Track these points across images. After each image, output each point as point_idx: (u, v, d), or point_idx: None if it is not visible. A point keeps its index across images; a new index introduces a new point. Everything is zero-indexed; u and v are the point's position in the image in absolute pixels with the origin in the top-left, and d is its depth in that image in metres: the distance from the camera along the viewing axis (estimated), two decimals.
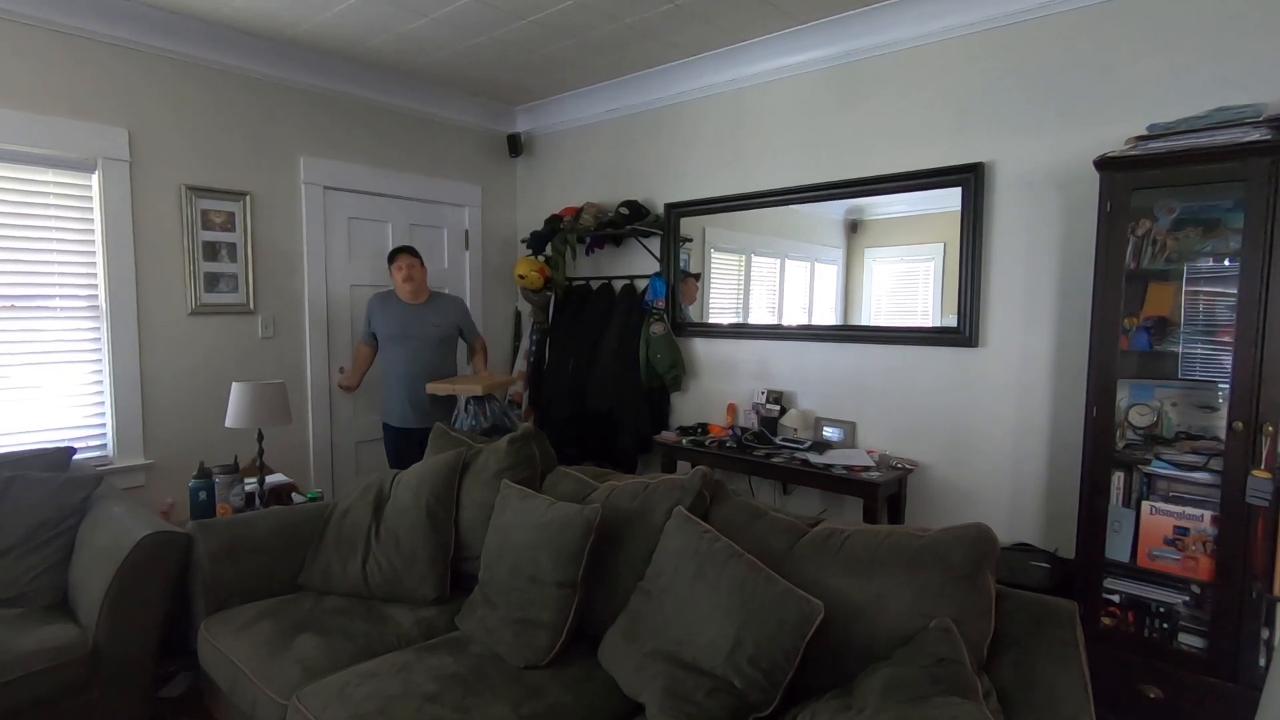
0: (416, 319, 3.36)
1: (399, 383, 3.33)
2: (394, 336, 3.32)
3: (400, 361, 3.33)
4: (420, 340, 3.34)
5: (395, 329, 3.32)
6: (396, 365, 3.34)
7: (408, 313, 3.35)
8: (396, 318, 3.34)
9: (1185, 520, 2.13)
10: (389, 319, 3.34)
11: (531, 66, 3.58)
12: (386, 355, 3.36)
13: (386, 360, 3.36)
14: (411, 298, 3.36)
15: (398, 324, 3.33)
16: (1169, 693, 2.11)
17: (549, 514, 1.89)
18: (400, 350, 3.32)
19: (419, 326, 3.35)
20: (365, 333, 3.41)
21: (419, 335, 3.34)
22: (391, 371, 3.35)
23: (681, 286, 3.70)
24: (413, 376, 3.30)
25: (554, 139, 4.30)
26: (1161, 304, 2.28)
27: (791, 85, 3.25)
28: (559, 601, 1.79)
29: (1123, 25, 2.40)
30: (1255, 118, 1.97)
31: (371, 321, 3.37)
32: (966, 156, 2.74)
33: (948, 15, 2.73)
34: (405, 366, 3.32)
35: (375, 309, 3.36)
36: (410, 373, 3.31)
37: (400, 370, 3.33)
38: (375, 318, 3.35)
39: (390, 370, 3.36)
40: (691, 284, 3.70)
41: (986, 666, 1.38)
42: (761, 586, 1.51)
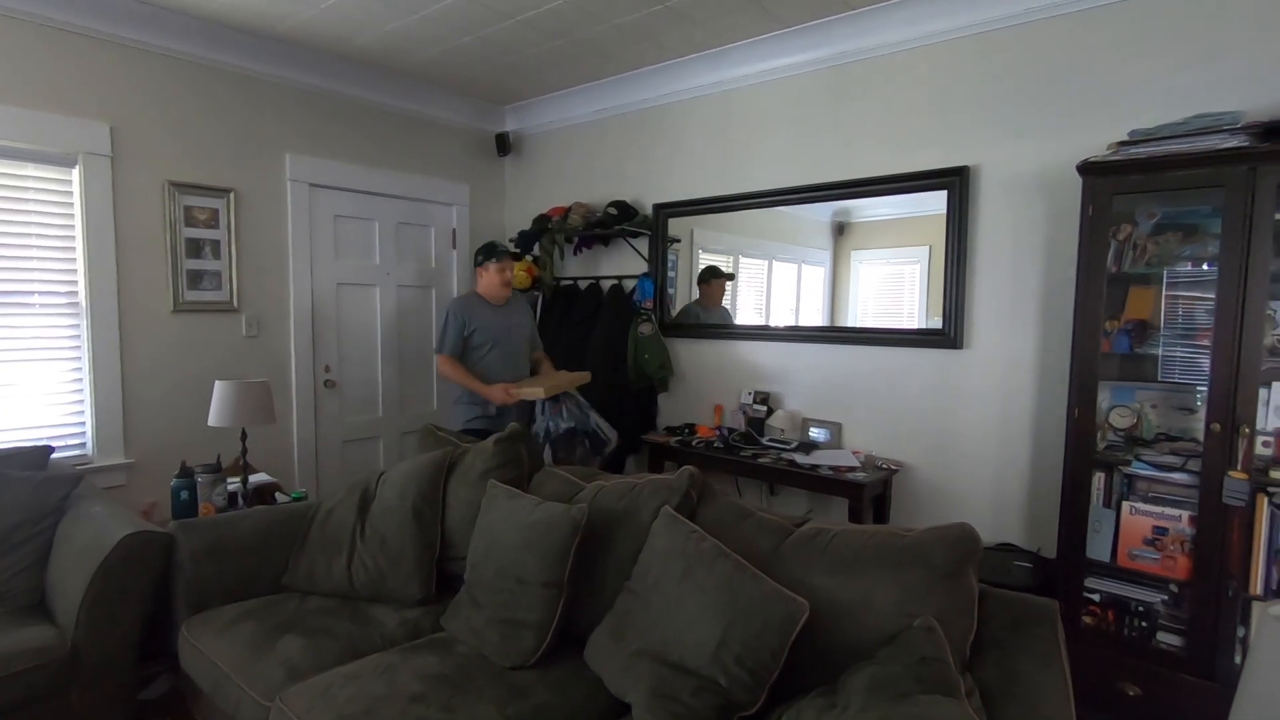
0: (506, 321, 3.24)
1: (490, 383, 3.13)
2: (494, 340, 3.16)
3: (496, 366, 3.16)
4: (514, 342, 3.25)
5: (496, 332, 3.17)
6: (491, 371, 3.15)
7: (498, 315, 3.22)
8: (492, 321, 3.18)
9: (1164, 520, 2.16)
10: (486, 323, 3.16)
11: (520, 66, 3.57)
12: (478, 361, 3.15)
13: (476, 366, 3.14)
14: (501, 299, 3.23)
15: (497, 327, 3.18)
16: (1148, 690, 2.14)
17: (535, 514, 1.88)
18: (496, 354, 3.16)
19: (510, 329, 3.25)
20: (453, 342, 3.11)
21: (513, 337, 3.25)
22: (478, 376, 3.13)
23: (705, 288, 3.63)
24: (505, 374, 3.17)
25: (542, 138, 4.29)
26: (1142, 307, 2.31)
27: (780, 87, 3.26)
28: (545, 602, 1.78)
29: (1105, 32, 2.44)
30: (1233, 125, 2.01)
31: (465, 328, 3.12)
32: (952, 160, 2.77)
33: (933, 20, 2.75)
34: (501, 371, 3.16)
35: (466, 314, 3.14)
36: (507, 378, 3.15)
37: (495, 377, 3.13)
38: (471, 323, 3.13)
39: (476, 375, 3.13)
40: (718, 286, 3.61)
41: (969, 665, 1.40)
42: (748, 586, 1.51)
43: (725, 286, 3.60)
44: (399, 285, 3.99)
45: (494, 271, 3.17)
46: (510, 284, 3.22)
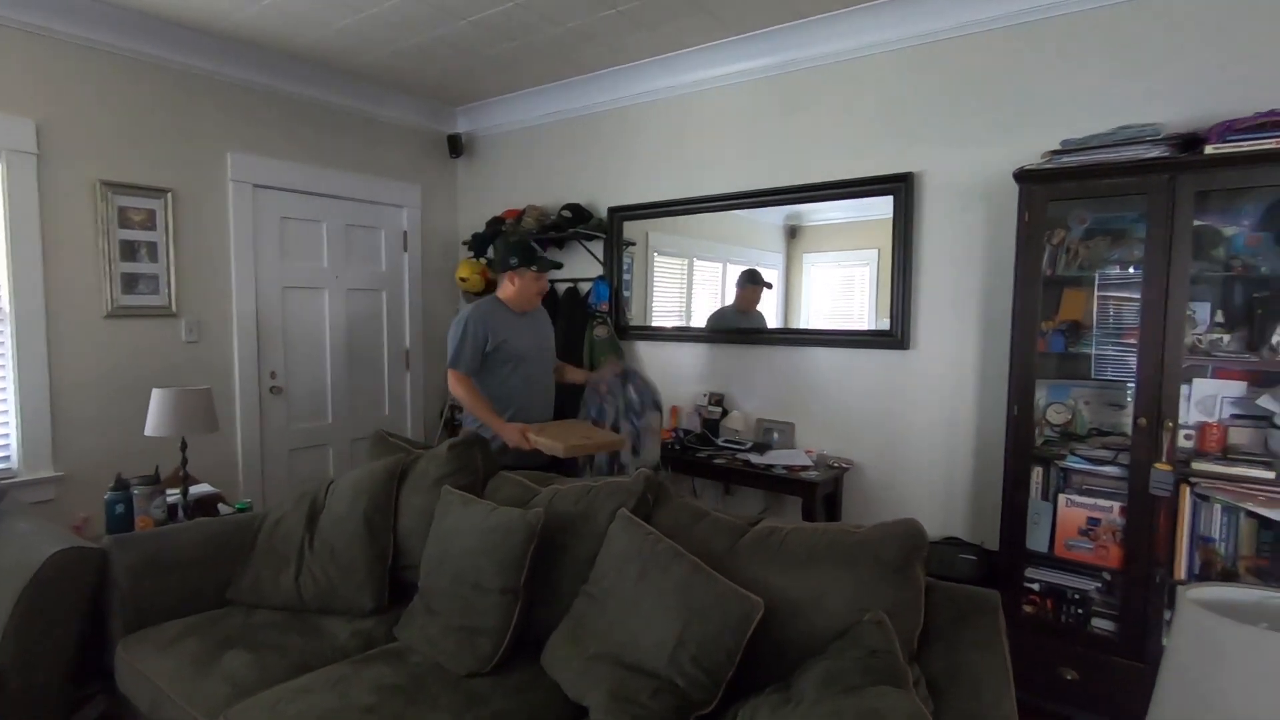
0: (535, 333, 2.78)
1: (512, 409, 2.64)
2: (520, 357, 2.68)
3: (520, 389, 2.69)
4: (544, 360, 2.81)
5: (524, 347, 2.70)
6: (515, 394, 2.67)
7: (526, 326, 2.74)
8: (521, 334, 2.71)
9: (1097, 511, 2.27)
10: (514, 336, 2.67)
11: (472, 67, 3.54)
12: (499, 382, 2.66)
13: (496, 387, 2.66)
14: (530, 309, 2.78)
15: (526, 342, 2.71)
16: (1084, 674, 2.24)
17: (491, 520, 1.86)
18: (521, 373, 2.70)
19: (540, 342, 2.80)
20: (470, 358, 2.59)
21: (543, 354, 2.81)
22: (500, 395, 2.65)
23: (742, 293, 3.39)
24: (530, 398, 2.72)
25: (496, 140, 4.25)
26: (1075, 308, 2.43)
27: (733, 93, 3.31)
28: (502, 608, 1.77)
29: (1039, 46, 2.55)
30: (1154, 136, 2.13)
31: (487, 341, 2.61)
32: (898, 166, 2.85)
33: (878, 31, 2.83)
34: (527, 396, 2.70)
35: (488, 325, 2.62)
36: (535, 404, 2.73)
37: (520, 402, 2.67)
38: (495, 335, 2.62)
39: (499, 394, 2.65)
40: (754, 291, 3.34)
41: (917, 655, 1.44)
42: (703, 586, 1.53)
43: (761, 293, 3.33)
44: (349, 289, 3.90)
45: (531, 280, 2.69)
46: (543, 295, 2.81)
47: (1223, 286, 2.21)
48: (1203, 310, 2.21)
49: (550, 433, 2.49)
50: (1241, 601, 0.89)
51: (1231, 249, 2.17)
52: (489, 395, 2.62)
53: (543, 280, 2.74)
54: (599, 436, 2.60)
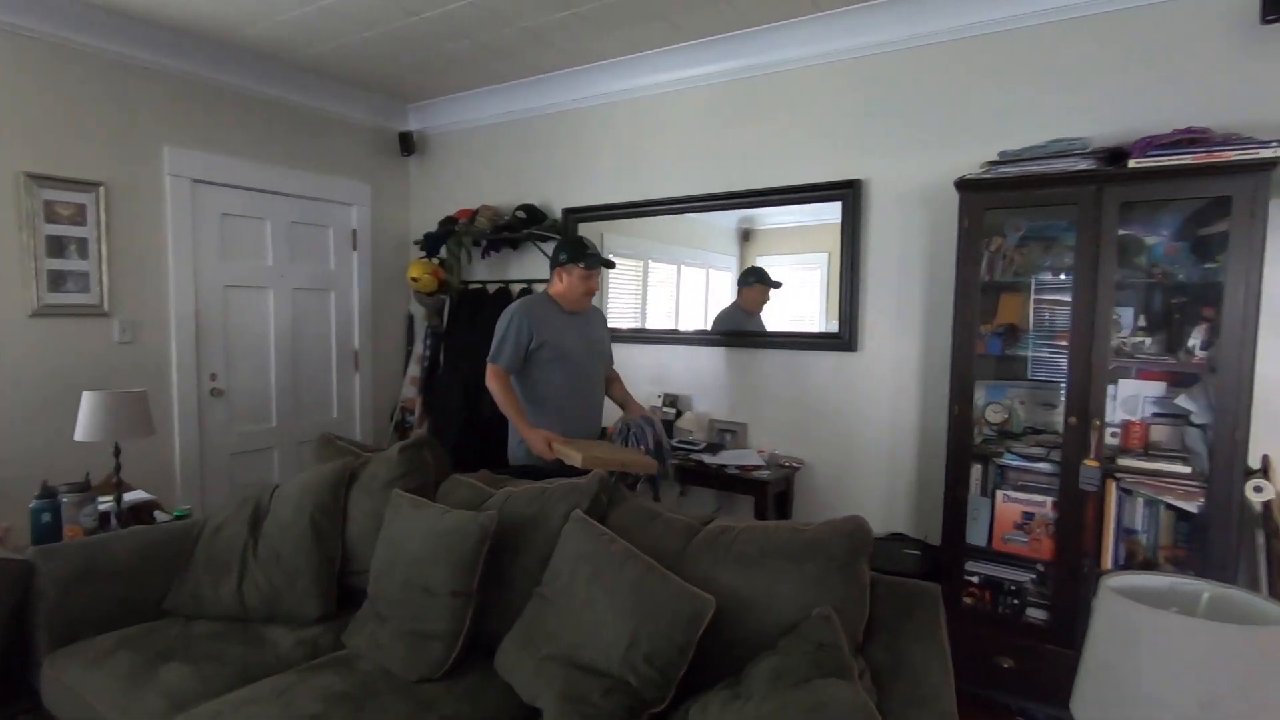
0: (584, 334, 2.62)
1: (553, 413, 2.53)
2: (564, 355, 2.54)
3: (562, 391, 2.55)
4: (590, 362, 2.65)
5: (570, 346, 2.55)
6: (556, 396, 2.55)
7: (575, 325, 2.60)
8: (567, 332, 2.56)
9: (1031, 506, 2.38)
10: (560, 334, 2.53)
11: (424, 64, 3.49)
12: (540, 381, 2.54)
13: (537, 386, 2.55)
14: (581, 308, 2.63)
15: (573, 341, 2.57)
16: (1020, 662, 2.35)
17: (443, 523, 1.84)
18: (564, 374, 2.55)
19: (589, 343, 2.64)
20: (511, 355, 2.49)
21: (591, 355, 2.65)
22: (542, 396, 2.54)
23: (747, 292, 3.30)
24: (574, 403, 2.58)
25: (449, 138, 4.20)
26: (1012, 312, 2.54)
27: (687, 98, 3.35)
28: (454, 611, 1.75)
29: (980, 60, 2.66)
30: (1083, 149, 2.24)
31: (532, 338, 2.49)
32: (846, 173, 2.93)
33: (827, 41, 2.91)
34: (568, 399, 2.57)
35: (534, 321, 2.50)
36: (575, 409, 2.58)
37: (560, 404, 2.55)
38: (540, 333, 2.50)
39: (540, 395, 2.54)
40: (760, 291, 3.25)
41: (862, 648, 1.49)
42: (656, 585, 1.55)
43: (768, 293, 3.25)
44: (294, 288, 3.80)
45: (579, 278, 2.55)
46: (594, 294, 2.65)
47: (1145, 293, 2.34)
48: (1127, 315, 2.34)
49: (571, 443, 2.36)
50: (1155, 588, 0.95)
51: (1152, 257, 2.31)
52: (530, 395, 2.52)
53: (593, 279, 2.57)
54: (625, 454, 2.46)
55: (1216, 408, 2.07)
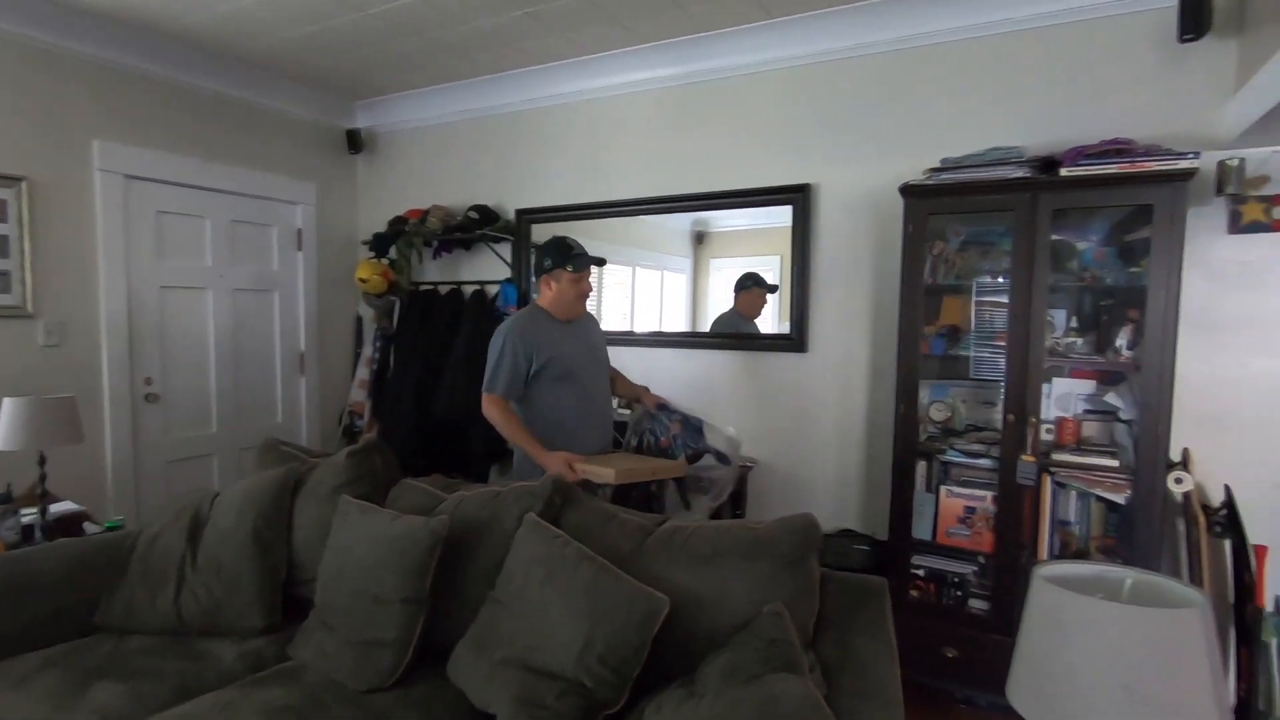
0: (585, 343, 2.45)
1: (564, 436, 2.32)
2: (571, 371, 2.36)
3: (573, 409, 2.36)
4: (598, 373, 2.48)
5: (575, 360, 2.37)
6: (568, 416, 2.36)
7: (573, 336, 2.41)
8: (569, 345, 2.37)
9: (973, 501, 2.47)
10: (561, 349, 2.34)
11: (373, 61, 3.42)
12: (551, 404, 2.35)
13: (547, 410, 2.35)
14: (575, 315, 2.44)
15: (576, 354, 2.39)
16: (963, 651, 2.43)
17: (393, 528, 1.81)
18: (574, 390, 2.36)
19: (592, 352, 2.47)
20: (508, 381, 2.29)
21: (597, 365, 2.48)
22: (550, 420, 2.34)
23: (745, 296, 3.22)
24: (587, 422, 2.38)
25: (399, 137, 4.12)
26: (954, 314, 2.63)
27: (641, 101, 3.37)
28: (404, 619, 1.72)
29: (924, 70, 2.75)
30: (1018, 158, 2.34)
31: (532, 360, 2.29)
32: (796, 178, 2.99)
33: (778, 48, 2.97)
34: (582, 418, 2.37)
35: (531, 341, 2.30)
36: (591, 427, 2.39)
37: (574, 424, 2.36)
38: (541, 352, 2.30)
39: (548, 418, 2.34)
40: (758, 295, 3.18)
41: (813, 642, 1.52)
42: (610, 586, 1.55)
43: (765, 297, 3.17)
44: (235, 289, 3.67)
45: (568, 283, 2.36)
46: (588, 297, 2.45)
47: (1076, 295, 2.46)
48: (1060, 317, 2.45)
49: (597, 461, 2.23)
50: (1083, 576, 1.00)
51: (1083, 262, 2.42)
52: (540, 420, 2.31)
53: (584, 281, 2.39)
54: (654, 462, 2.32)
55: (1141, 404, 2.19)
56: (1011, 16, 2.56)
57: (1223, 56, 2.30)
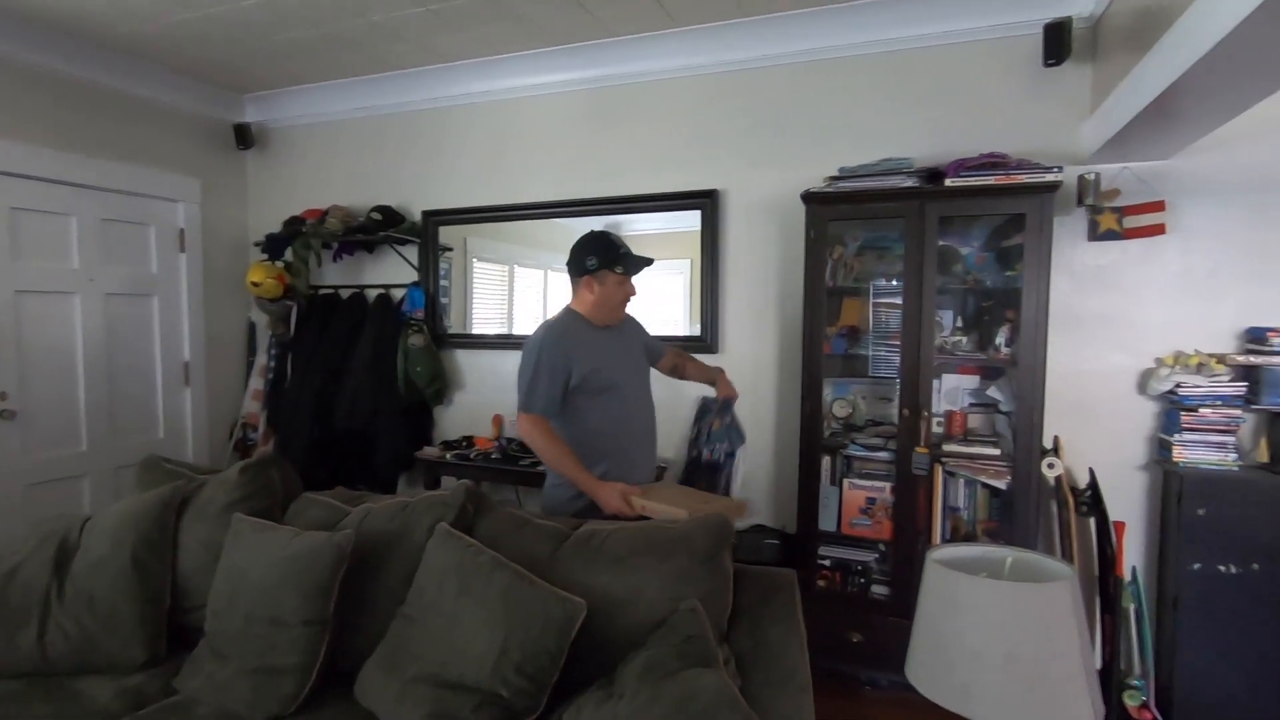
0: (627, 347, 2.21)
1: (607, 458, 2.06)
2: (617, 382, 2.11)
3: (620, 423, 2.11)
4: (643, 380, 2.24)
5: (621, 370, 2.13)
6: (614, 430, 2.10)
7: (616, 342, 2.17)
8: (613, 353, 2.13)
9: (873, 492, 2.60)
10: (605, 356, 2.09)
11: (263, 52, 3.22)
12: (594, 418, 2.08)
13: (589, 421, 2.08)
14: (615, 320, 2.20)
15: (621, 363, 2.15)
16: (868, 635, 2.56)
17: (292, 546, 1.71)
18: (620, 402, 2.11)
19: (635, 358, 2.23)
20: (547, 397, 2.02)
21: (638, 374, 2.23)
22: (590, 441, 2.06)
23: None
24: (631, 442, 2.14)
25: (294, 133, 3.91)
26: (853, 315, 2.77)
27: (551, 103, 3.35)
28: (306, 642, 1.63)
29: (822, 82, 2.88)
30: (909, 168, 2.49)
31: (572, 372, 2.03)
32: (704, 183, 3.06)
33: (685, 56, 3.03)
34: (629, 434, 2.13)
35: (570, 352, 2.04)
36: (630, 437, 2.14)
37: (621, 441, 2.11)
38: (582, 363, 2.04)
39: (588, 439, 2.06)
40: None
41: (727, 636, 1.56)
42: (526, 593, 1.53)
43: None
44: (107, 294, 3.36)
45: (615, 284, 2.11)
46: (630, 300, 2.20)
47: (961, 297, 2.65)
48: (947, 317, 2.63)
49: (659, 495, 1.97)
50: (970, 557, 1.08)
51: (966, 266, 2.61)
52: (580, 441, 2.03)
53: (629, 284, 2.14)
54: (721, 502, 2.05)
55: (1018, 396, 2.38)
56: (898, 36, 2.73)
57: (1081, 81, 2.55)
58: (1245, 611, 2.23)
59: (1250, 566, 2.22)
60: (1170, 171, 2.44)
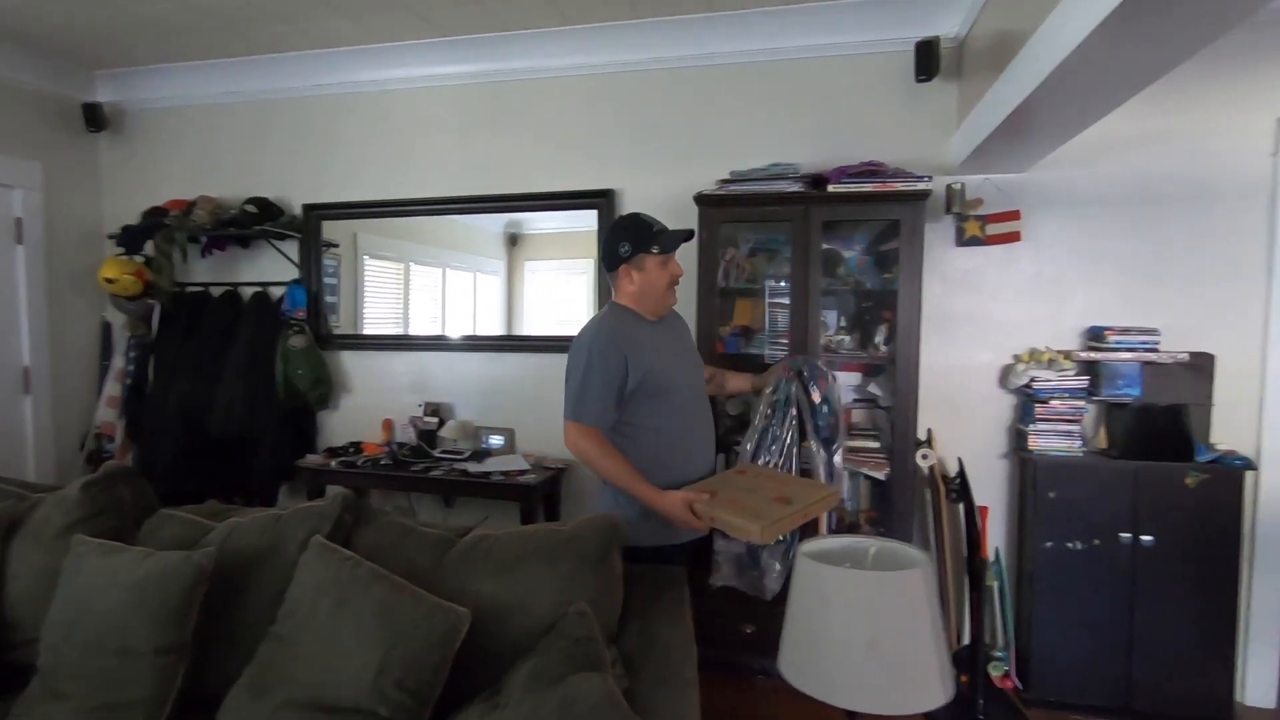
0: (679, 344, 2.02)
1: (665, 469, 1.84)
2: (672, 383, 1.89)
3: (679, 430, 1.90)
4: (694, 381, 2.00)
5: (676, 368, 1.93)
6: (675, 438, 1.89)
7: (667, 337, 1.97)
8: (663, 348, 1.91)
9: None
10: (660, 353, 1.88)
11: (118, 24, 2.93)
12: (649, 426, 1.86)
13: (638, 434, 1.86)
14: (665, 310, 1.99)
15: (676, 362, 1.94)
16: (760, 627, 2.63)
17: (143, 568, 1.56)
18: (675, 406, 1.90)
19: (688, 356, 2.03)
20: (601, 405, 1.81)
21: (693, 372, 2.01)
22: (645, 451, 1.84)
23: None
24: (688, 453, 1.92)
25: (155, 116, 3.58)
26: (746, 315, 2.84)
27: (445, 96, 3.24)
28: (159, 671, 1.49)
29: (714, 87, 2.94)
30: (795, 173, 2.59)
31: (628, 375, 1.81)
32: (599, 183, 3.06)
33: (579, 54, 3.01)
34: (687, 441, 1.92)
35: (625, 344, 1.82)
36: (690, 444, 1.93)
37: (666, 444, 1.88)
38: (637, 359, 1.82)
39: (642, 450, 1.84)
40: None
41: (617, 636, 1.55)
42: (407, 606, 1.46)
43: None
44: None
45: (656, 266, 1.89)
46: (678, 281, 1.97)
47: (844, 298, 2.77)
48: (831, 317, 2.75)
49: (729, 504, 1.67)
50: (838, 548, 1.13)
51: (849, 268, 2.74)
52: (635, 452, 1.83)
53: (672, 262, 1.92)
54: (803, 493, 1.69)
55: (895, 392, 2.52)
56: (786, 46, 2.83)
57: (949, 97, 2.73)
58: (1088, 583, 2.46)
59: (1093, 542, 2.46)
60: (1026, 183, 2.67)
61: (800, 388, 2.01)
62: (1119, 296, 2.63)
